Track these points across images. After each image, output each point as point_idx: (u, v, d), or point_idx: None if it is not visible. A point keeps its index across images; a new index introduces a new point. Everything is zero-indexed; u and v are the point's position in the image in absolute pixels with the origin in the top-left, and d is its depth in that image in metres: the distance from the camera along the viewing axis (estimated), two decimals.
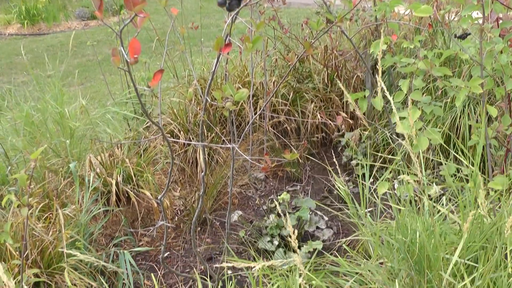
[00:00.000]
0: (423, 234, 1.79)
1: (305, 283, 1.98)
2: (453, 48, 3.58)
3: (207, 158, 3.78)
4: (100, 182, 3.24)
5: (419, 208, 2.06)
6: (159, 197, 2.42)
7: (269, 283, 2.23)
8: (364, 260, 2.15)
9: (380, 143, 3.76)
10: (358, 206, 2.19)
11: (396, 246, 1.90)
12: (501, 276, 1.68)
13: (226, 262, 1.59)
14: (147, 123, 4.03)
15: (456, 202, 2.24)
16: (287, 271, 2.17)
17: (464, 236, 1.62)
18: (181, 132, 3.82)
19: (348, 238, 2.85)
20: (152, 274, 2.91)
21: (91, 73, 7.18)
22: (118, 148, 3.57)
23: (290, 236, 2.92)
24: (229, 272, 2.90)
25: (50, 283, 2.64)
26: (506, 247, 1.74)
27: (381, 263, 2.05)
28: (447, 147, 3.25)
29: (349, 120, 4.05)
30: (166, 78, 5.52)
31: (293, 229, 1.60)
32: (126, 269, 2.86)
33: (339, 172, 2.59)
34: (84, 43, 8.66)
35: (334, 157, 3.96)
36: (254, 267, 1.48)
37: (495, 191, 2.09)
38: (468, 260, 1.80)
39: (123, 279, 2.85)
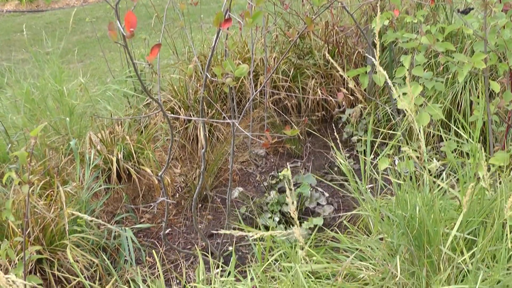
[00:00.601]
0: (422, 209, 1.80)
1: (306, 256, 1.99)
2: (456, 23, 3.55)
3: (207, 135, 3.78)
4: (100, 159, 3.24)
5: (419, 184, 2.06)
6: (159, 174, 2.42)
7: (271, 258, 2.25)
8: (364, 236, 2.17)
9: (381, 119, 3.75)
10: (359, 182, 2.19)
11: (396, 222, 1.91)
12: (500, 249, 1.68)
13: (228, 236, 1.60)
14: (147, 100, 4.01)
15: (456, 178, 2.24)
16: (289, 247, 2.18)
17: (464, 210, 1.62)
18: (182, 109, 3.81)
19: (349, 213, 2.86)
20: (153, 251, 2.93)
21: (90, 50, 7.14)
22: (118, 125, 3.56)
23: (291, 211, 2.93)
24: (230, 248, 2.92)
25: (53, 260, 2.66)
26: (506, 222, 1.75)
27: (381, 239, 2.06)
28: (448, 123, 3.24)
29: (350, 97, 4.03)
30: (166, 55, 5.49)
31: (294, 205, 1.60)
32: (128, 245, 2.88)
33: (340, 147, 2.58)
34: (83, 19, 8.59)
35: (335, 133, 3.96)
36: (254, 238, 1.49)
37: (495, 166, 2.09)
38: (468, 235, 1.80)
39: (125, 256, 2.87)
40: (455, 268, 1.73)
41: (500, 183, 2.05)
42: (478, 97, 3.26)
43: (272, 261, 2.02)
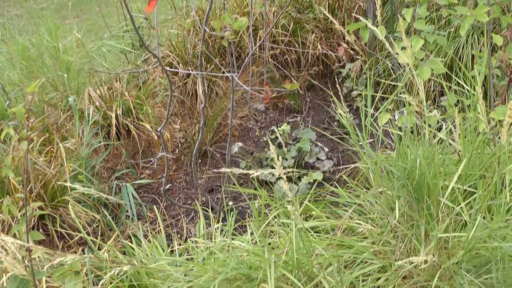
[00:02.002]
0: (423, 161, 1.80)
1: (306, 211, 2.01)
2: None
3: (206, 90, 3.75)
4: (99, 115, 3.23)
5: (420, 137, 2.06)
6: (159, 129, 2.41)
7: (270, 213, 2.27)
8: (364, 190, 2.18)
9: (382, 73, 3.72)
10: (359, 136, 2.19)
11: (396, 175, 1.92)
12: (500, 205, 1.69)
13: (228, 191, 1.61)
14: (145, 55, 3.97)
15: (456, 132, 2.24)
16: (288, 202, 2.20)
17: (463, 161, 1.63)
18: (180, 64, 3.77)
19: (348, 168, 2.87)
20: (154, 206, 2.96)
21: (86, 5, 7.01)
22: (117, 81, 3.54)
23: (290, 168, 2.95)
24: (230, 203, 2.94)
25: (55, 216, 2.69)
26: (505, 176, 1.75)
27: (381, 193, 2.07)
28: (450, 74, 3.21)
29: (350, 51, 3.98)
30: (163, 10, 5.40)
31: (293, 159, 1.60)
32: (129, 201, 2.90)
33: (342, 101, 2.56)
34: None
35: (334, 88, 3.93)
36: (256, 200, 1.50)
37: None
38: (468, 187, 1.81)
39: (126, 211, 2.90)
40: (453, 220, 1.74)
41: (499, 137, 2.05)
42: (480, 51, 3.23)
43: (270, 217, 2.04)
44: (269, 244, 1.98)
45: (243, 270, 1.70)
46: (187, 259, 2.21)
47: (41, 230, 2.66)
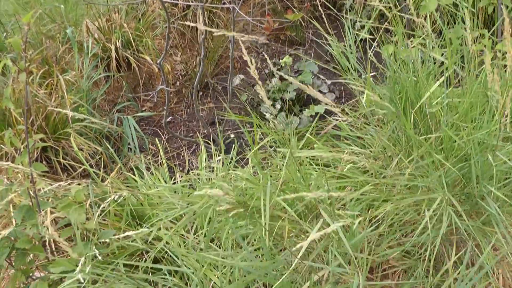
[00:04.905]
0: (422, 77, 1.79)
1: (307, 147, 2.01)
2: None
3: (207, 22, 3.68)
4: (99, 48, 3.18)
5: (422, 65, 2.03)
6: (158, 61, 2.38)
7: (268, 143, 2.27)
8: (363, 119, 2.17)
9: (387, 5, 3.62)
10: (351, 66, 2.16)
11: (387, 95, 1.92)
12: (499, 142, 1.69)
13: (229, 123, 1.60)
14: None
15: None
16: (289, 135, 2.20)
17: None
18: None
19: (350, 101, 2.86)
20: (156, 139, 2.96)
21: None
22: (115, 13, 3.46)
23: (292, 101, 2.93)
24: (232, 135, 2.95)
25: (57, 148, 2.70)
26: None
27: (378, 126, 2.07)
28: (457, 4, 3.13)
29: None
30: None
31: (295, 92, 1.58)
32: (131, 133, 2.90)
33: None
34: None
35: (338, 20, 3.85)
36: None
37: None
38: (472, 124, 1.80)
39: (128, 144, 2.91)
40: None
41: (506, 71, 2.02)
42: None
43: (263, 142, 2.03)
44: (271, 176, 1.99)
45: (238, 198, 1.71)
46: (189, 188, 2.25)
47: (44, 162, 2.69)
